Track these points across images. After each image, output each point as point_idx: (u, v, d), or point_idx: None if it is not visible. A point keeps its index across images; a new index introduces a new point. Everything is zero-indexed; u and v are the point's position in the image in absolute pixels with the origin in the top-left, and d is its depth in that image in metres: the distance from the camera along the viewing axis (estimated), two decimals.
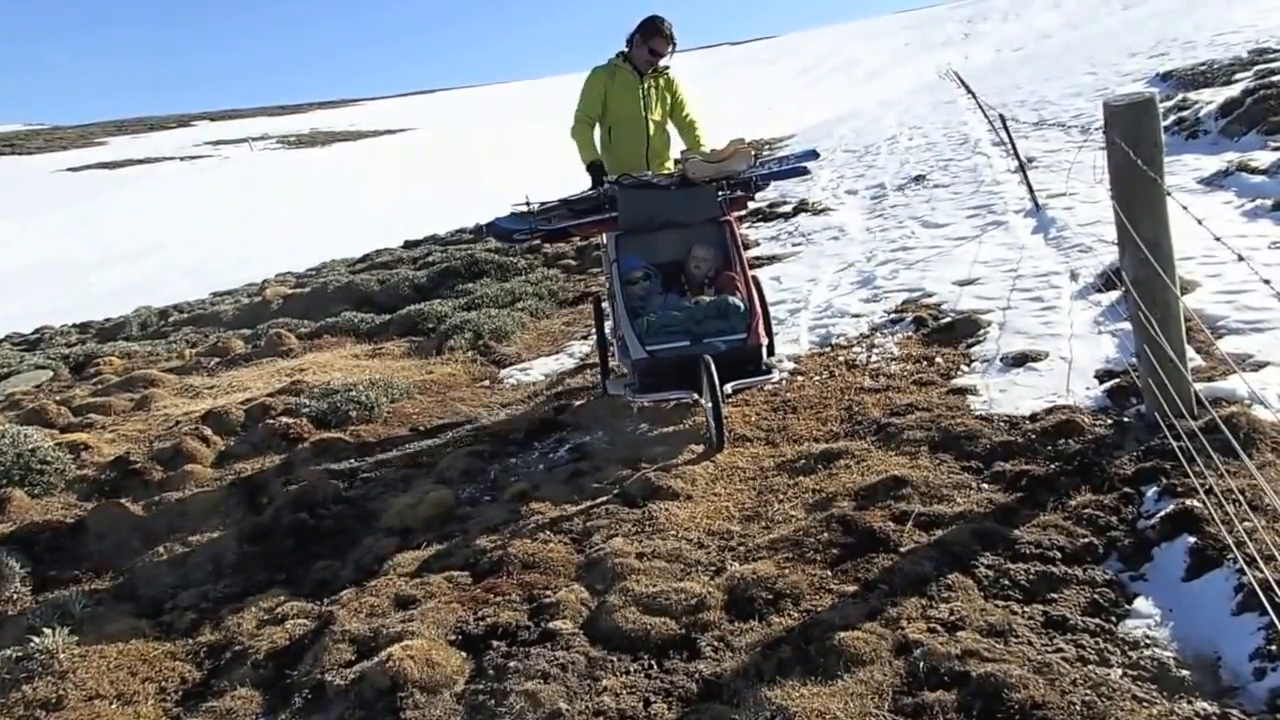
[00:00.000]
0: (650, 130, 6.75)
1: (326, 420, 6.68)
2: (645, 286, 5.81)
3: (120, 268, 30.71)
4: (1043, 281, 6.76)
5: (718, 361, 5.13)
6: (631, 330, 5.42)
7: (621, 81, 6.64)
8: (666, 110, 6.80)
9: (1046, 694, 2.78)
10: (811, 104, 48.11)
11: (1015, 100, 18.45)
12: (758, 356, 5.46)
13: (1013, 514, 3.86)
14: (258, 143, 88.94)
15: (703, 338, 5.34)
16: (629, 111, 6.68)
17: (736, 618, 3.52)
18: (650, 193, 5.99)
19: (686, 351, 5.28)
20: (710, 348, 5.26)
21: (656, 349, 5.32)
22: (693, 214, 5.99)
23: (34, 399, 8.96)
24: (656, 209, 5.95)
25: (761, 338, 5.44)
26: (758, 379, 5.51)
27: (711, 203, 6.00)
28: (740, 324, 5.42)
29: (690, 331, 5.38)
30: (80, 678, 3.94)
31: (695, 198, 5.97)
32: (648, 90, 6.67)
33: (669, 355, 5.31)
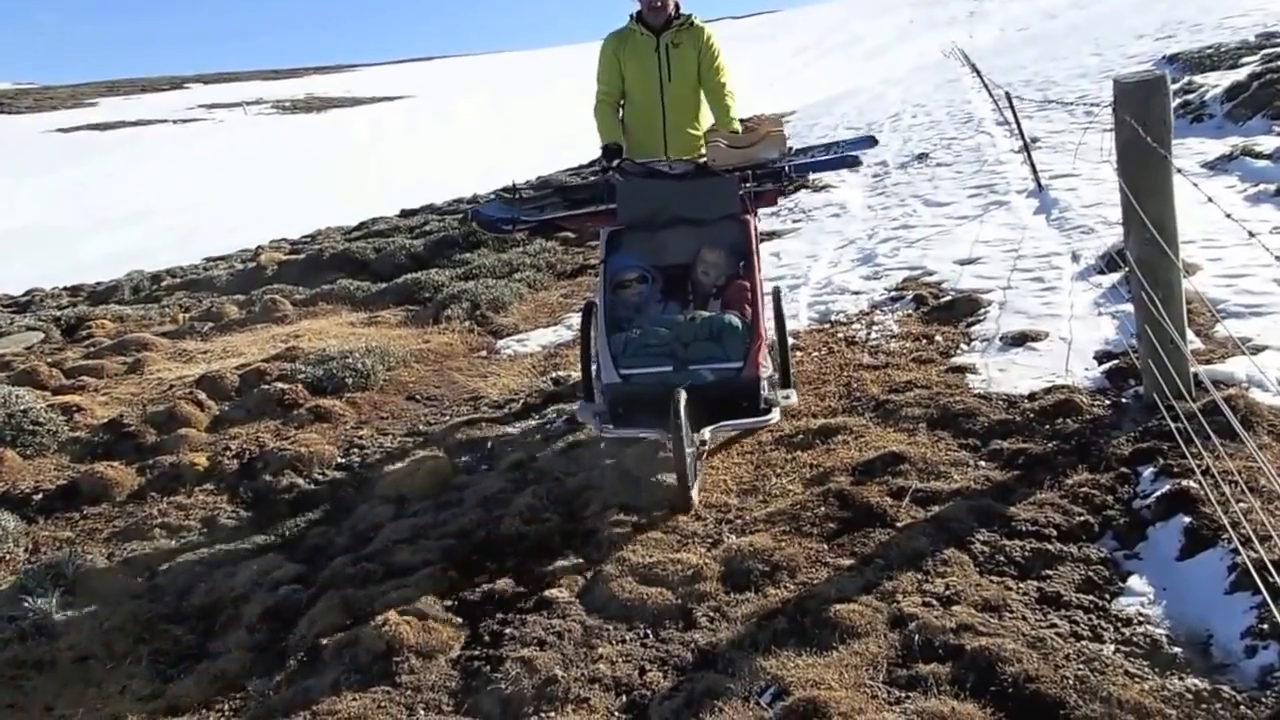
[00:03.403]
0: (666, 101, 5.66)
1: (322, 387, 6.67)
2: (640, 292, 4.88)
3: (111, 232, 30.61)
4: (1044, 262, 6.76)
5: (703, 395, 4.28)
6: (607, 347, 4.51)
7: (634, 46, 5.63)
8: (695, 75, 5.67)
9: (1040, 668, 2.80)
10: (813, 81, 47.91)
11: (1020, 80, 18.38)
12: (754, 392, 4.39)
13: (1009, 491, 3.88)
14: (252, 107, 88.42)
15: (689, 363, 4.38)
16: (642, 80, 5.66)
17: (732, 589, 3.53)
18: (656, 183, 5.06)
19: (669, 379, 4.30)
20: (695, 377, 4.32)
21: (632, 373, 4.40)
22: (706, 209, 4.99)
23: (25, 360, 8.91)
24: (663, 202, 5.00)
25: (762, 368, 4.41)
26: (751, 421, 4.50)
27: (730, 196, 4.95)
28: (736, 349, 4.40)
29: (676, 354, 4.41)
30: (73, 639, 3.95)
31: (711, 190, 4.98)
32: (665, 52, 5.59)
33: (647, 382, 4.37)
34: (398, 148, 46.69)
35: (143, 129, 74.18)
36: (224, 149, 54.70)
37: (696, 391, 4.23)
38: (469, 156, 37.11)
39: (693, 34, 5.61)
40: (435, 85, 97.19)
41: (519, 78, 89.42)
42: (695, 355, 4.39)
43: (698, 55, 5.62)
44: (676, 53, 5.58)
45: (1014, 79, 18.36)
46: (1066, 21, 41.44)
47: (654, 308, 4.87)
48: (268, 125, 72.65)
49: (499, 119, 52.99)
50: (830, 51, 76.43)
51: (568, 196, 5.29)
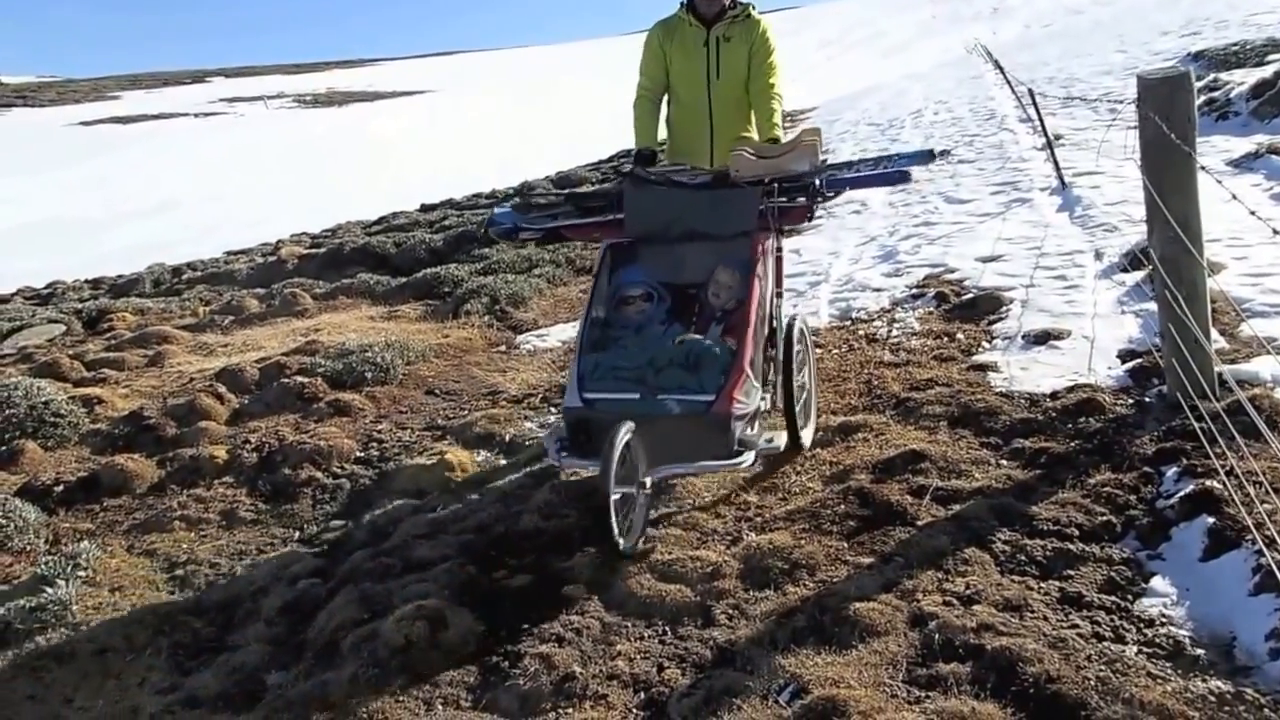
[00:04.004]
0: (714, 101, 5.21)
1: (342, 381, 6.68)
2: (644, 311, 4.45)
3: (132, 225, 30.78)
4: (1067, 260, 6.71)
5: (667, 429, 3.88)
6: (576, 366, 4.16)
7: (682, 38, 5.20)
8: (747, 73, 5.21)
9: (1061, 668, 2.78)
10: (835, 76, 47.72)
11: (1044, 77, 18.26)
12: (723, 430, 3.87)
13: (1031, 491, 3.86)
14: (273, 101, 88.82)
15: (659, 391, 3.94)
16: (688, 76, 5.24)
17: (752, 587, 3.52)
18: (668, 192, 4.59)
19: (633, 407, 3.90)
20: (660, 407, 3.89)
21: (595, 397, 4.00)
22: (722, 223, 4.47)
23: (47, 352, 8.97)
24: (675, 213, 4.53)
25: (738, 404, 3.90)
26: (713, 465, 3.97)
27: (748, 211, 4.42)
28: (711, 380, 3.93)
29: (646, 381, 3.98)
30: (93, 630, 3.97)
31: (728, 202, 4.47)
32: (716, 45, 5.14)
33: (609, 409, 3.92)
34: (418, 142, 46.80)
35: (164, 122, 74.63)
36: (245, 142, 54.96)
37: (659, 424, 3.85)
38: (489, 151, 37.17)
39: (747, 27, 5.16)
40: (456, 80, 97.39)
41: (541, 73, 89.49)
42: (665, 383, 3.95)
43: (749, 51, 5.16)
44: (727, 47, 5.14)
45: (1037, 75, 18.25)
46: (1091, 18, 41.14)
47: (655, 329, 4.40)
48: (289, 119, 72.96)
49: (520, 114, 53.05)
50: (853, 47, 76.09)
51: (580, 204, 4.86)
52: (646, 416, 3.84)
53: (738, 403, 3.90)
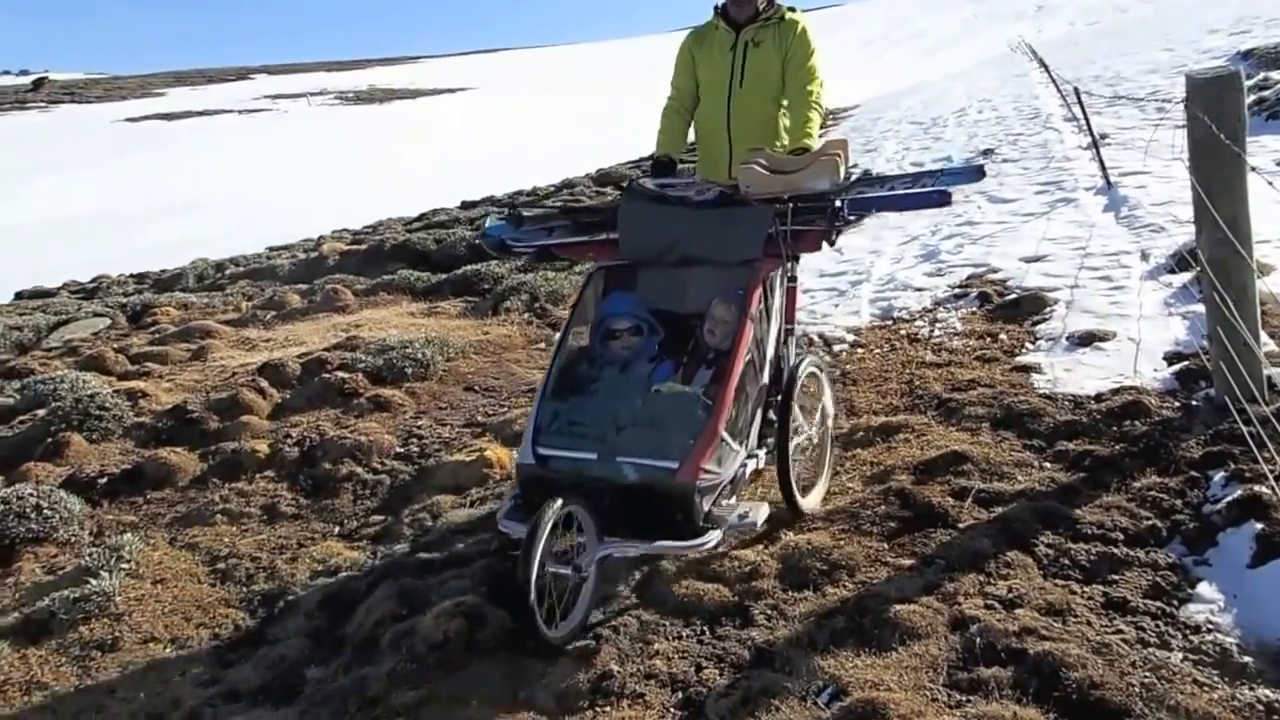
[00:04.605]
0: (732, 111, 4.72)
1: (382, 376, 6.72)
2: (631, 346, 3.91)
3: (176, 219, 31.20)
4: (1112, 260, 6.62)
5: (619, 499, 3.38)
6: (534, 414, 3.65)
7: (711, 43, 4.79)
8: (777, 81, 4.71)
9: (1105, 674, 2.74)
10: (877, 75, 47.41)
11: (1089, 75, 18.02)
12: (685, 504, 3.33)
13: (1075, 494, 3.81)
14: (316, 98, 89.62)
15: (616, 453, 3.41)
16: (710, 84, 4.81)
17: (790, 587, 3.50)
18: (668, 210, 4.04)
19: (589, 470, 3.43)
20: (614, 472, 3.39)
21: (550, 454, 3.51)
22: (726, 248, 3.91)
23: (92, 346, 9.10)
24: (675, 234, 3.96)
25: (706, 475, 3.35)
26: (671, 546, 3.44)
27: (755, 234, 3.86)
28: (677, 442, 3.37)
29: (606, 439, 3.47)
30: (136, 621, 4.02)
31: (735, 224, 3.91)
32: (743, 51, 4.67)
33: (563, 470, 3.48)
34: (459, 140, 47.06)
35: (209, 118, 75.54)
36: (287, 139, 55.51)
37: (615, 492, 3.38)
38: (531, 148, 37.30)
39: (781, 30, 4.65)
40: (498, 77, 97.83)
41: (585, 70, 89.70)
42: (625, 444, 3.42)
43: (783, 55, 4.65)
44: (755, 53, 4.66)
45: (1083, 74, 18.01)
46: (1137, 16, 40.59)
47: (642, 366, 3.85)
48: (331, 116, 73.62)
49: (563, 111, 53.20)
50: (894, 45, 75.60)
51: (576, 219, 4.36)
52: (602, 481, 3.39)
53: (705, 473, 3.35)
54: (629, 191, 4.23)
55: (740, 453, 3.62)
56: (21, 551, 4.66)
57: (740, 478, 3.66)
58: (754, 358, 3.73)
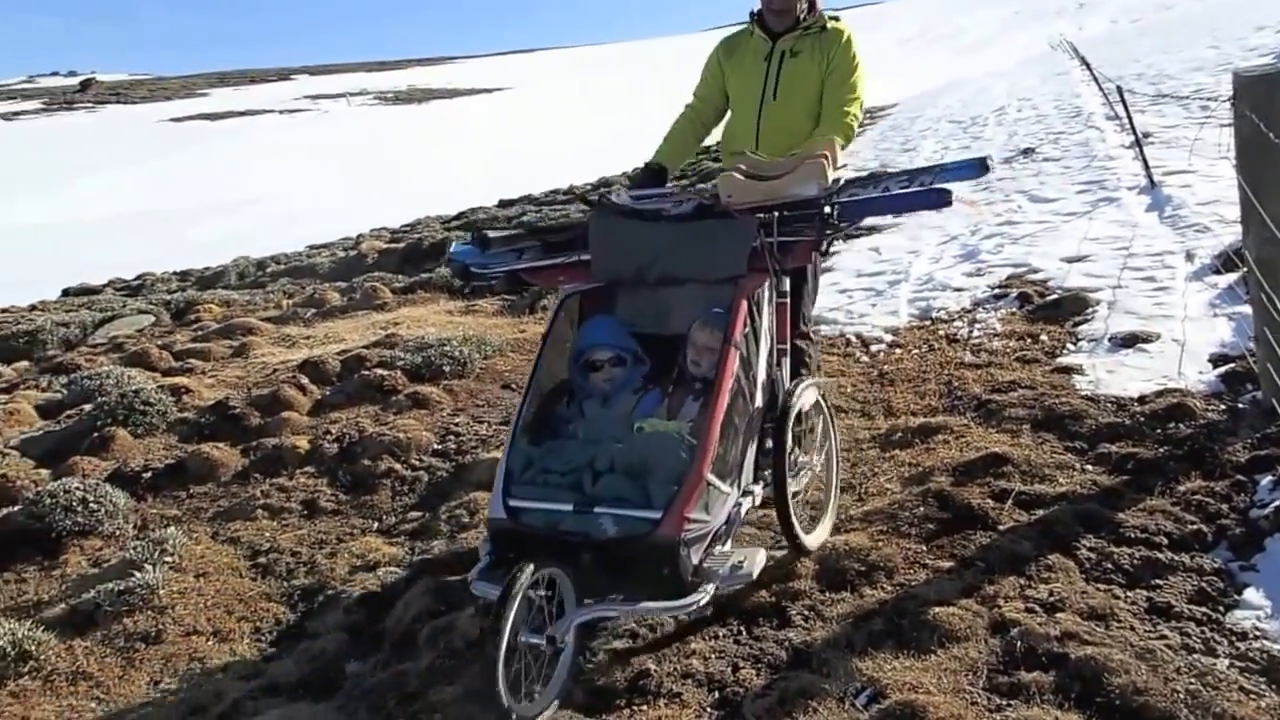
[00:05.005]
0: (763, 126, 4.33)
1: (420, 374, 6.76)
2: (615, 378, 3.58)
3: (218, 218, 31.60)
4: (1156, 261, 6.53)
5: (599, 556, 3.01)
6: (505, 459, 3.26)
7: (744, 51, 4.43)
8: (815, 96, 4.29)
9: (1149, 680, 2.70)
10: (915, 73, 47.07)
11: (1132, 73, 17.78)
12: (670, 559, 2.95)
13: (1118, 497, 3.76)
14: (355, 98, 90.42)
15: (594, 504, 3.04)
16: (742, 95, 4.43)
17: (828, 588, 3.48)
18: (639, 226, 3.68)
19: (563, 523, 3.05)
20: (592, 526, 3.02)
21: (522, 506, 3.12)
22: (706, 265, 3.56)
23: (137, 342, 9.25)
24: (649, 253, 3.62)
25: (689, 527, 2.96)
26: (656, 607, 3.05)
27: (738, 248, 3.50)
28: (660, 490, 3.03)
29: (583, 487, 3.09)
30: (179, 614, 4.08)
31: (715, 238, 3.55)
32: (779, 62, 4.29)
33: (536, 523, 3.09)
34: (496, 139, 47.26)
35: (251, 118, 76.48)
36: (328, 139, 56.07)
37: (594, 550, 3.00)
38: (568, 148, 37.39)
39: (822, 40, 4.25)
40: (534, 77, 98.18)
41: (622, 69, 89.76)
42: (603, 493, 3.06)
43: (822, 67, 4.24)
44: (791, 64, 4.27)
45: (1125, 72, 17.77)
46: (1181, 12, 39.99)
47: (625, 401, 3.54)
48: (370, 116, 74.25)
49: (600, 110, 53.27)
50: (933, 44, 75.02)
51: (545, 239, 3.98)
52: (579, 536, 3.02)
53: (690, 523, 2.97)
54: (599, 207, 3.84)
55: (731, 494, 3.24)
56: (68, 544, 4.73)
57: (734, 520, 3.29)
58: (743, 385, 3.34)
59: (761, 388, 3.49)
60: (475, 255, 3.99)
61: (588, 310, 3.78)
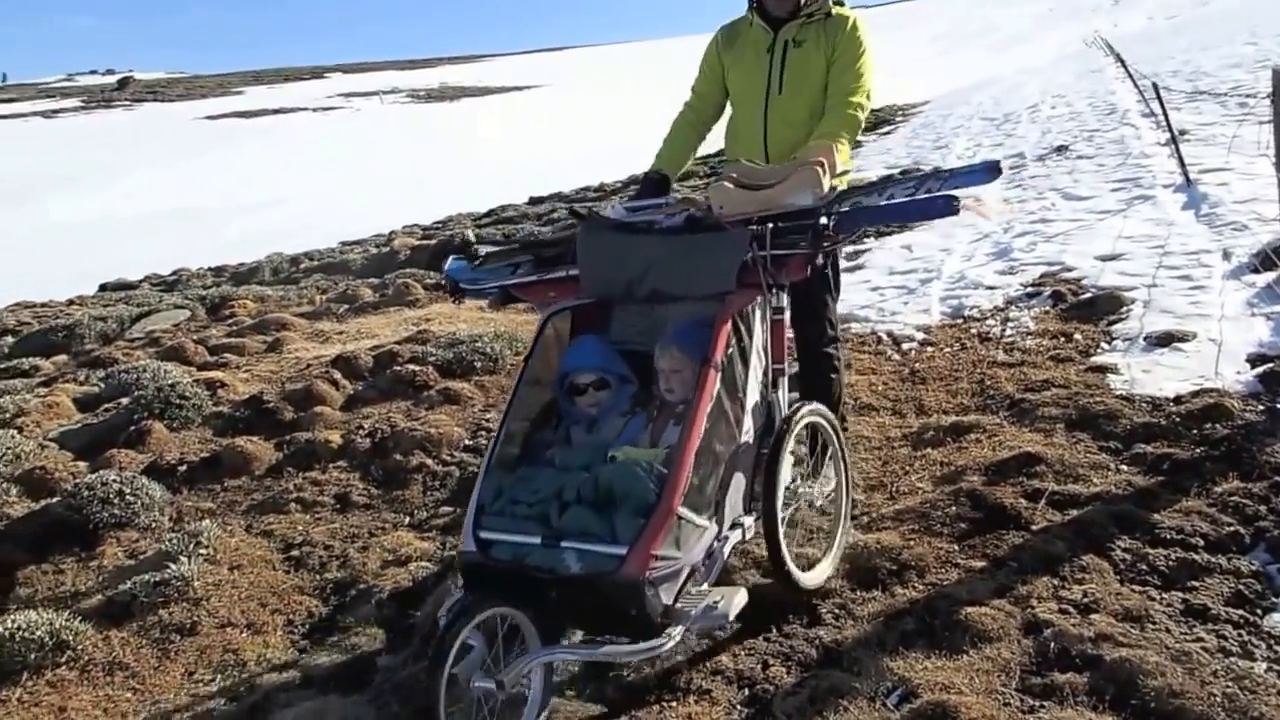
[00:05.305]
0: (770, 122, 4.04)
1: (451, 369, 6.79)
2: (600, 401, 3.40)
3: (252, 215, 31.89)
4: (1192, 259, 6.45)
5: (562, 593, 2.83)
6: (478, 489, 3.08)
7: (745, 42, 4.11)
8: (821, 87, 3.99)
9: (1185, 683, 2.68)
10: (947, 71, 46.76)
11: (1168, 70, 17.58)
12: (637, 599, 2.74)
13: (1153, 498, 3.73)
14: (388, 96, 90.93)
15: (560, 538, 2.84)
16: (745, 90, 4.13)
17: (859, 587, 3.48)
18: (628, 239, 3.50)
19: (530, 558, 2.86)
20: (557, 562, 2.82)
21: (492, 538, 2.94)
22: (695, 281, 3.35)
23: (173, 337, 9.35)
24: (638, 267, 3.42)
25: (654, 565, 2.75)
26: (619, 651, 2.87)
27: (727, 262, 3.29)
28: (627, 523, 2.81)
29: (550, 520, 2.90)
30: (213, 606, 4.11)
31: (704, 251, 3.35)
32: (782, 52, 3.98)
33: (505, 557, 2.90)
34: (528, 136, 47.39)
35: (285, 116, 77.11)
36: (360, 136, 56.45)
37: (560, 587, 2.81)
38: (598, 146, 37.43)
39: (827, 28, 3.95)
40: (566, 75, 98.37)
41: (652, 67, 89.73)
42: (569, 526, 2.86)
43: (828, 56, 3.95)
44: (796, 54, 3.97)
45: (1161, 69, 17.57)
46: (1219, 8, 39.46)
47: (611, 425, 3.35)
48: (403, 113, 74.68)
49: (630, 109, 53.27)
50: (964, 41, 74.43)
51: (537, 253, 3.83)
52: (543, 571, 2.83)
53: (659, 561, 2.77)
54: (587, 221, 3.68)
55: (709, 528, 3.00)
56: (105, 536, 4.79)
57: (716, 556, 3.06)
58: (726, 410, 3.11)
59: (753, 412, 3.27)
60: (465, 272, 3.91)
61: (580, 327, 3.61)
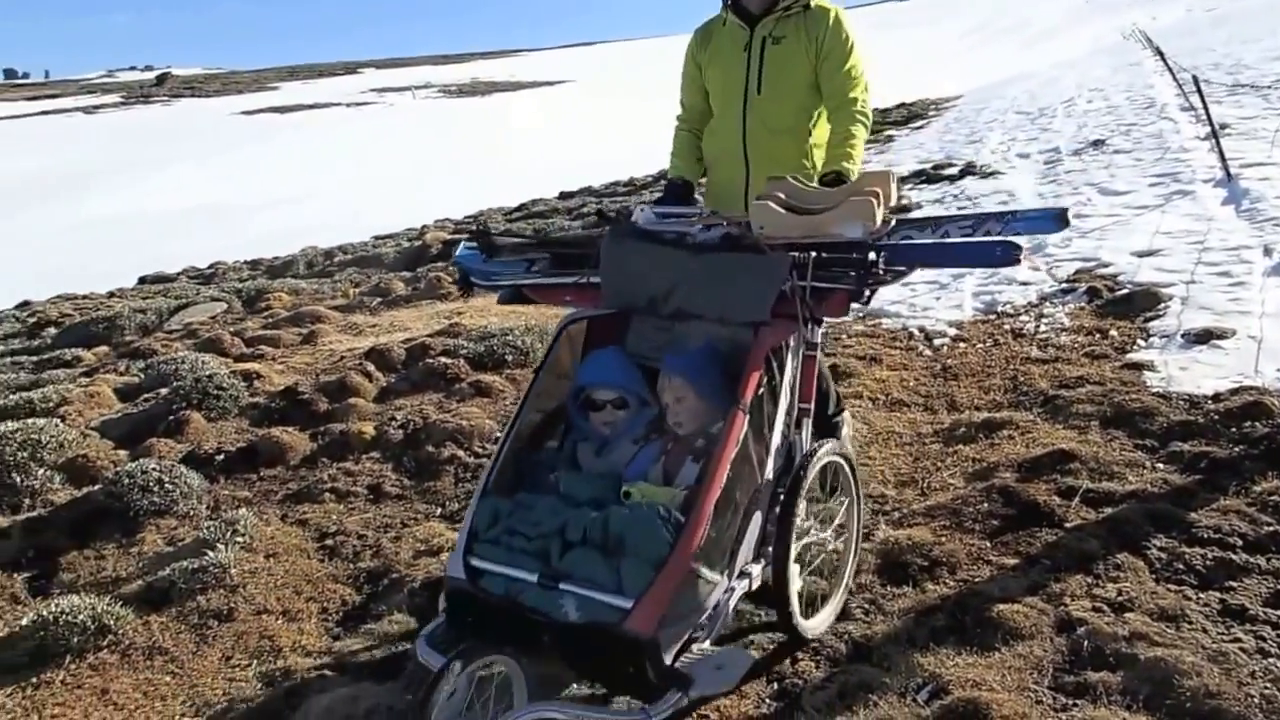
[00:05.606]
0: (748, 127, 3.82)
1: (483, 362, 6.82)
2: (616, 423, 3.17)
3: (287, 208, 32.12)
4: (1232, 255, 6.37)
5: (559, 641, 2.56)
6: (472, 510, 2.87)
7: (720, 41, 3.89)
8: (804, 84, 3.77)
9: (1222, 684, 2.66)
10: (979, 66, 46.34)
11: (1208, 63, 17.34)
12: (638, 659, 2.46)
13: (1190, 496, 3.70)
14: (420, 91, 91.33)
15: (559, 579, 2.58)
16: (723, 93, 3.90)
17: (889, 582, 3.47)
18: (658, 251, 3.26)
19: (525, 597, 2.60)
20: (553, 606, 2.55)
21: (484, 568, 2.70)
22: (727, 305, 3.09)
23: (210, 329, 9.46)
24: (665, 283, 3.19)
25: (672, 622, 2.53)
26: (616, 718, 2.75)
27: (764, 289, 3.02)
28: (636, 574, 2.53)
29: (550, 558, 2.65)
30: (250, 593, 4.16)
31: (740, 274, 3.08)
32: (760, 49, 3.75)
33: (496, 591, 2.65)
34: (558, 131, 47.47)
35: (318, 111, 77.64)
36: (393, 131, 56.74)
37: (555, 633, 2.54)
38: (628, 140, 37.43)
39: (807, 22, 3.71)
40: (597, 70, 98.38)
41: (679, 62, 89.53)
42: (571, 568, 2.60)
43: (812, 52, 3.71)
44: (775, 51, 3.73)
45: (1201, 62, 17.34)
46: (1260, 0, 38.86)
47: (623, 451, 3.10)
48: (434, 108, 74.98)
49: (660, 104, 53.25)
50: (997, 35, 73.78)
51: (556, 252, 3.58)
52: (538, 614, 2.56)
53: (672, 619, 2.53)
54: (615, 226, 3.44)
55: (720, 582, 2.75)
56: (145, 523, 4.85)
57: (722, 610, 2.78)
58: (751, 452, 2.85)
59: (775, 454, 3.00)
60: (478, 262, 3.66)
61: (595, 338, 3.33)
